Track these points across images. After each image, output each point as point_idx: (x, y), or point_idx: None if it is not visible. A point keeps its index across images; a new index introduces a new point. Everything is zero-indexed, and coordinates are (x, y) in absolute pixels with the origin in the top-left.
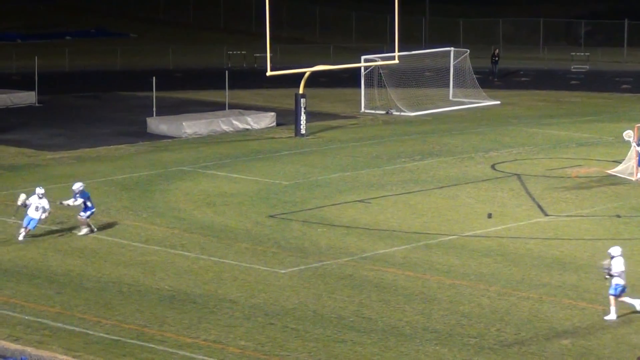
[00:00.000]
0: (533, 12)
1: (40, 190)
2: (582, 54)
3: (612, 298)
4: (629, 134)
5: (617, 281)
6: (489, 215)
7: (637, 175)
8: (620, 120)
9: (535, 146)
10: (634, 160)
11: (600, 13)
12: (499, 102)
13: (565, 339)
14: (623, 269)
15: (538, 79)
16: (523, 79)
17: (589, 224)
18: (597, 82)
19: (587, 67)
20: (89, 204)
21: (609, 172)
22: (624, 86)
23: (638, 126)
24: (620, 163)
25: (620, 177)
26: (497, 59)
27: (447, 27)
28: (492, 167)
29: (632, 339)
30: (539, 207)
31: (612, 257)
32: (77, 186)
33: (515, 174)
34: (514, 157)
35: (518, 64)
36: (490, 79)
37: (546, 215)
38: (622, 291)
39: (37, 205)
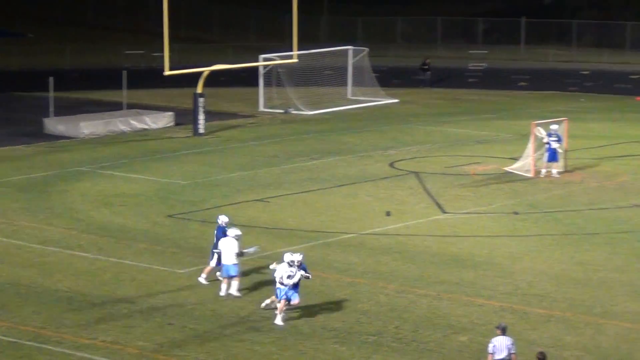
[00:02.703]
0: (431, 11)
1: None
2: (480, 51)
3: None
4: (539, 131)
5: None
6: (388, 213)
7: (535, 173)
8: (517, 117)
9: (433, 144)
10: (531, 157)
11: (498, 11)
12: (397, 101)
13: (463, 335)
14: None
15: (436, 77)
16: (420, 77)
17: (486, 221)
18: (494, 79)
19: (485, 64)
20: None
21: (506, 169)
22: (521, 84)
23: (535, 123)
24: (518, 160)
25: (517, 174)
26: (427, 67)
27: (345, 25)
28: (391, 165)
29: (529, 335)
30: (437, 204)
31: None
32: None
33: (414, 172)
34: (412, 155)
35: (416, 63)
36: (421, 87)
37: (444, 212)
38: None
39: None
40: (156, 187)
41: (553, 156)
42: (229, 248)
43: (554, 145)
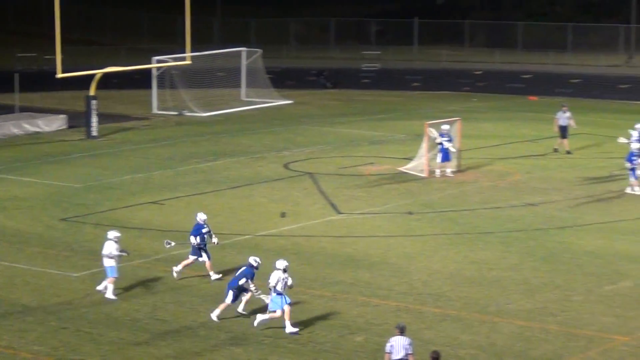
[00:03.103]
0: (324, 12)
1: None
2: (373, 52)
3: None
4: (432, 131)
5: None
6: (283, 215)
7: (428, 173)
8: (411, 118)
9: (327, 145)
10: (425, 157)
11: (391, 12)
12: (291, 102)
13: (359, 335)
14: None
15: (329, 78)
16: (313, 78)
17: (381, 221)
18: (388, 80)
19: (378, 65)
20: None
21: (400, 169)
22: (415, 84)
23: (428, 123)
24: (412, 160)
25: (411, 174)
26: (324, 75)
27: (239, 27)
28: (285, 166)
29: (424, 335)
30: (332, 205)
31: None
32: (202, 217)
33: (308, 173)
34: (306, 156)
35: (310, 64)
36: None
37: (339, 213)
38: None
39: None
40: (49, 190)
41: (446, 156)
42: (106, 250)
43: (446, 145)
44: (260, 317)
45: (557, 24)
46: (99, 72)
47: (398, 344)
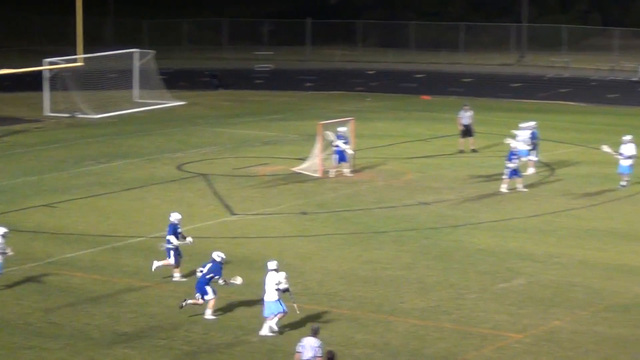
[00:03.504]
0: (216, 12)
1: None
2: (266, 53)
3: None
4: (328, 135)
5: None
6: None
7: (322, 173)
8: (304, 118)
9: (221, 146)
10: (318, 158)
11: (283, 12)
12: (184, 103)
13: (253, 336)
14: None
15: (222, 78)
16: (207, 79)
17: (275, 221)
18: (281, 80)
19: (271, 66)
20: None
21: (294, 169)
22: (308, 84)
23: (321, 123)
24: (305, 161)
25: (305, 174)
26: (215, 79)
27: (132, 28)
28: (179, 167)
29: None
30: (226, 206)
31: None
32: (176, 217)
33: (202, 174)
34: (200, 157)
35: (202, 65)
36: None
37: (233, 214)
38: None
39: None
40: None
41: (342, 157)
42: None
43: (342, 147)
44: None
45: (449, 24)
46: None
47: (309, 345)
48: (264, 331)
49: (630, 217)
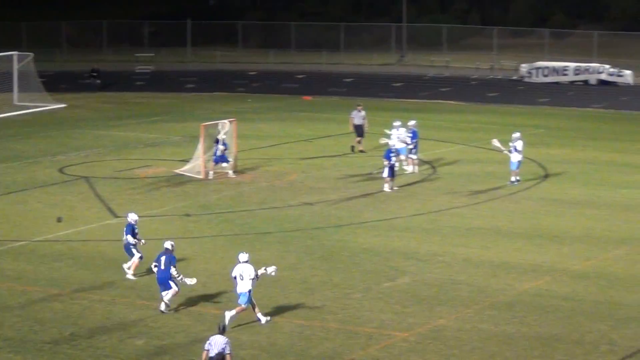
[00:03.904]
0: (96, 14)
1: None
2: (147, 55)
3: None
4: (224, 125)
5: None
6: (59, 219)
7: (205, 175)
8: (186, 119)
9: (103, 148)
10: (201, 159)
11: (163, 14)
12: (65, 105)
13: (139, 339)
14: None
15: (103, 81)
16: (87, 81)
17: (159, 223)
18: (162, 82)
19: (152, 67)
20: None
21: (176, 171)
22: (189, 86)
23: (204, 125)
24: (188, 162)
25: (188, 175)
26: (96, 74)
27: (9, 30)
28: (61, 170)
29: (204, 336)
30: (109, 209)
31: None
32: (133, 218)
33: (84, 177)
34: (82, 159)
35: (83, 67)
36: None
37: (116, 216)
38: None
39: None
40: None
41: (222, 158)
42: None
43: (220, 149)
44: (228, 314)
45: (329, 24)
46: None
47: (216, 342)
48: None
49: (513, 215)
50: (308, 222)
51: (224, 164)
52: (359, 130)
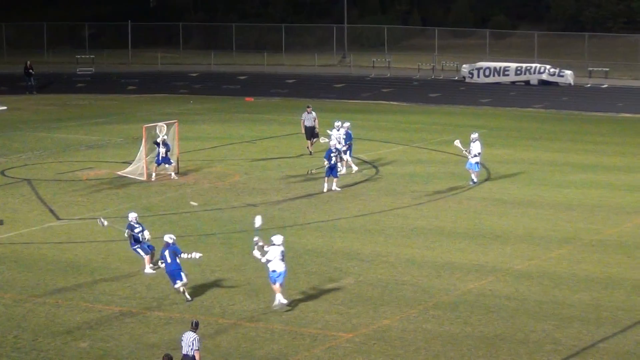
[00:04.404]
0: (37, 16)
1: None
2: (88, 56)
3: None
4: (162, 128)
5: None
6: (0, 222)
7: (148, 177)
8: (128, 121)
9: (44, 150)
10: (143, 161)
11: (104, 15)
12: (5, 108)
13: (83, 342)
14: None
15: (44, 82)
16: (27, 82)
17: (100, 226)
18: (103, 84)
19: (93, 69)
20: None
21: (119, 173)
22: (130, 87)
23: (146, 126)
24: (130, 164)
25: (130, 177)
26: (31, 71)
27: None
28: (2, 173)
29: (149, 339)
30: (51, 211)
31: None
32: (132, 216)
33: (26, 179)
34: (23, 162)
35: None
36: (27, 93)
37: (59, 219)
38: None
39: None
40: None
41: (165, 159)
42: None
43: (162, 151)
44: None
45: (270, 25)
46: None
47: (187, 339)
48: (279, 300)
49: (455, 215)
50: (251, 223)
51: (167, 165)
52: (310, 132)
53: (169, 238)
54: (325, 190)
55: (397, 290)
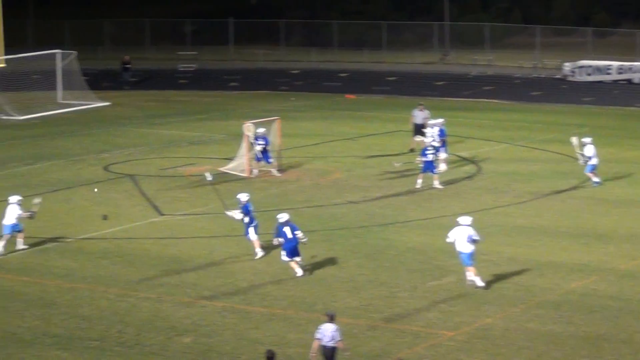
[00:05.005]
0: (138, 12)
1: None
2: (189, 53)
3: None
4: (248, 128)
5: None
6: (104, 217)
7: (249, 172)
8: (230, 117)
9: (147, 146)
10: (245, 157)
11: (205, 12)
12: (108, 104)
13: (186, 337)
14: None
15: (147, 79)
16: (132, 79)
17: (204, 222)
18: (205, 80)
19: (195, 66)
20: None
21: (221, 169)
22: (232, 84)
23: (247, 123)
24: (232, 160)
25: (232, 174)
26: (128, 66)
27: (53, 28)
28: (105, 168)
29: (252, 334)
30: (154, 207)
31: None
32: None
33: (129, 175)
34: (126, 157)
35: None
36: (126, 87)
37: (161, 214)
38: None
39: None
40: None
41: (264, 156)
42: (11, 213)
43: (258, 148)
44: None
45: (371, 22)
46: None
47: (327, 331)
48: (472, 279)
49: (558, 214)
50: (353, 220)
51: (266, 163)
52: (418, 129)
53: (286, 215)
54: (418, 185)
55: (500, 288)
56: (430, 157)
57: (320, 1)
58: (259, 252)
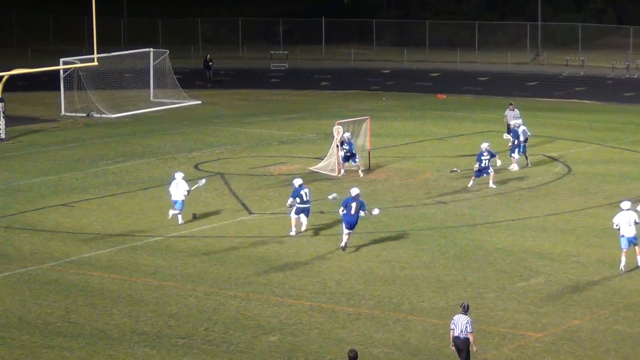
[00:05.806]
0: (231, 12)
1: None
2: (281, 52)
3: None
4: (337, 131)
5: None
6: (194, 216)
7: (338, 172)
8: (320, 117)
9: (237, 145)
10: (335, 157)
11: (298, 12)
12: (200, 102)
13: (273, 335)
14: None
15: (238, 78)
16: (224, 78)
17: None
18: (296, 80)
19: (286, 65)
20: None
21: (311, 168)
22: (323, 83)
23: (338, 122)
24: (322, 160)
25: (322, 173)
26: (210, 64)
27: (146, 27)
28: (196, 167)
29: (338, 334)
30: (244, 205)
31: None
32: (298, 182)
33: (219, 173)
34: (216, 156)
35: (218, 64)
36: (208, 85)
37: (251, 213)
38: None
39: None
40: None
41: (351, 157)
42: (180, 188)
43: (341, 153)
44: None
45: (463, 22)
46: (5, 74)
47: (459, 322)
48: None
49: None
50: (441, 220)
51: (352, 163)
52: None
53: (358, 190)
54: (469, 185)
55: (588, 290)
56: (484, 163)
57: (413, 1)
58: (293, 231)
